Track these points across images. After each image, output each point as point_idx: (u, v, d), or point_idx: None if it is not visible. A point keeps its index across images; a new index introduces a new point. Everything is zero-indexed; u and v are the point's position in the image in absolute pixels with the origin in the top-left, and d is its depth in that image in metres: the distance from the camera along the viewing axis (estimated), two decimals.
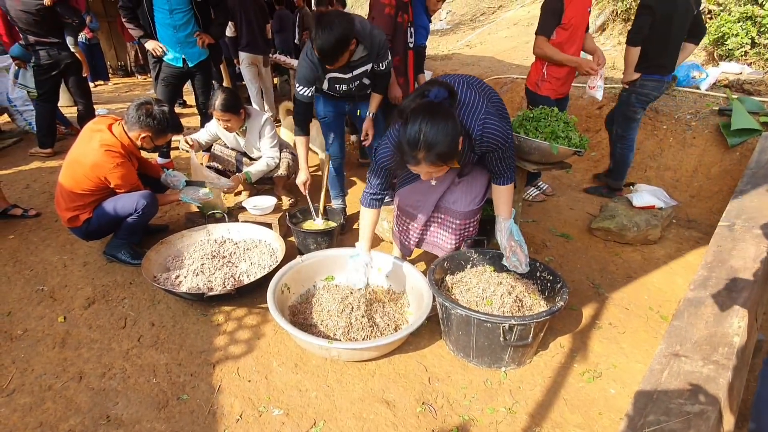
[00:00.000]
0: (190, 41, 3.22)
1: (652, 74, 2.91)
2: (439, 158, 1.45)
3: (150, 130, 2.24)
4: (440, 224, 2.05)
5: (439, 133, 1.41)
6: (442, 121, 1.42)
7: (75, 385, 1.63)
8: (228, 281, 2.08)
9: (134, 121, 2.21)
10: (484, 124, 1.60)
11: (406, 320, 1.94)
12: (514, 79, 5.14)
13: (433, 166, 1.49)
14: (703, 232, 2.85)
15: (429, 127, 1.40)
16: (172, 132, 2.36)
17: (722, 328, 1.35)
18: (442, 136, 1.41)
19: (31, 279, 2.27)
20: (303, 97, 2.25)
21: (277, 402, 1.59)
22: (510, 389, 1.65)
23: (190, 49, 3.24)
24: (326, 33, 1.91)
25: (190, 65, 3.28)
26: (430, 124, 1.40)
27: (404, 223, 2.11)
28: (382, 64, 2.27)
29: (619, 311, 2.10)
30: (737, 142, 3.32)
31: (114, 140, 2.18)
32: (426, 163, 1.46)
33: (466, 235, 2.04)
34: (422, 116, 1.42)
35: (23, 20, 3.45)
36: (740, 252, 1.72)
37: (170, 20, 3.08)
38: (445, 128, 1.41)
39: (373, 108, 2.47)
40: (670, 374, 1.21)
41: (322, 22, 1.93)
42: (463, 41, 9.66)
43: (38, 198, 3.19)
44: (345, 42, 1.97)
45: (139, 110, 2.21)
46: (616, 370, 1.74)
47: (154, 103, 2.26)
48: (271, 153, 2.85)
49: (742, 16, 5.22)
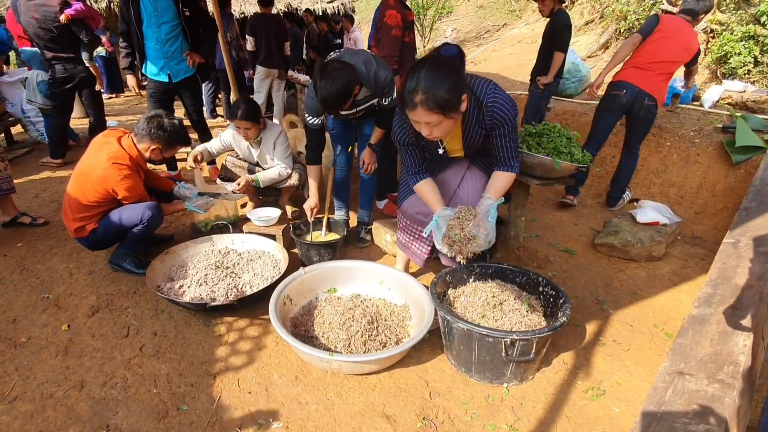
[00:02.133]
0: (176, 57, 3.21)
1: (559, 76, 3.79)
2: (437, 104, 1.42)
3: (160, 142, 2.29)
4: None
5: (438, 79, 1.41)
6: (444, 69, 1.43)
7: (76, 394, 1.63)
8: (231, 292, 2.09)
9: (144, 133, 2.26)
10: (496, 96, 1.61)
11: (408, 333, 1.93)
12: (518, 95, 5.19)
13: (430, 113, 1.45)
14: (708, 249, 2.83)
15: (429, 72, 1.42)
16: (181, 144, 2.42)
17: (727, 346, 1.33)
18: (441, 81, 1.41)
19: (37, 287, 2.29)
20: (314, 126, 2.31)
21: (276, 414, 1.57)
22: (512, 406, 1.63)
23: (175, 65, 3.23)
24: (329, 85, 1.96)
25: (174, 81, 3.26)
26: (430, 70, 1.42)
27: (415, 231, 2.09)
28: (387, 99, 2.30)
29: (624, 328, 2.08)
30: (742, 159, 3.32)
31: (122, 153, 2.22)
32: (423, 108, 1.43)
33: None
34: (425, 64, 1.45)
35: (41, 36, 3.58)
36: (745, 270, 1.71)
37: (158, 34, 3.09)
38: (447, 75, 1.42)
39: (373, 140, 2.51)
40: (674, 392, 1.19)
41: (325, 73, 1.97)
42: (468, 58, 9.80)
43: (47, 207, 3.24)
44: (347, 93, 2.03)
45: (150, 123, 2.26)
46: (620, 388, 1.71)
47: (164, 116, 2.32)
48: (285, 163, 2.89)
49: (745, 36, 5.27)
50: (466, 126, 1.69)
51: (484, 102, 1.61)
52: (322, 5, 8.85)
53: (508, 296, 1.85)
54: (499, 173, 1.77)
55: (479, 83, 1.64)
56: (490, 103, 1.61)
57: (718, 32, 5.76)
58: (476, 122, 1.67)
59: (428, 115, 1.47)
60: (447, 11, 12.59)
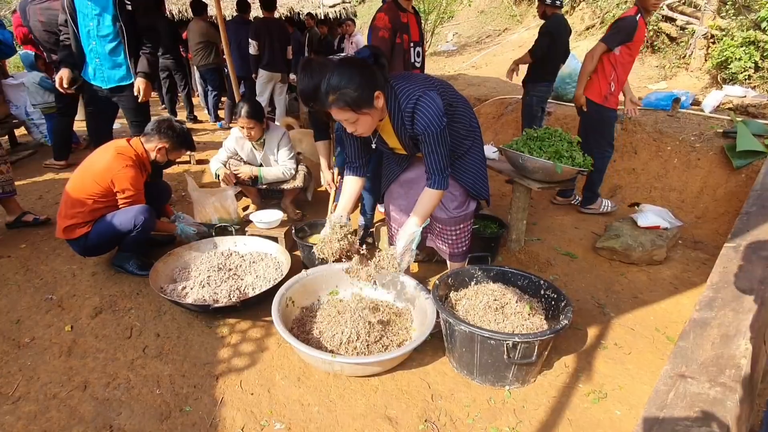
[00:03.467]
0: (112, 59, 2.76)
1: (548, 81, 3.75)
2: (346, 102, 1.50)
3: (168, 142, 2.36)
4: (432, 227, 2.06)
5: (343, 78, 1.49)
6: (350, 67, 1.52)
7: (79, 395, 1.64)
8: (233, 294, 2.10)
9: (154, 132, 2.34)
10: (418, 100, 1.59)
11: (410, 336, 1.94)
12: (518, 100, 5.21)
13: (342, 111, 1.54)
14: (709, 254, 2.83)
15: (337, 72, 1.51)
16: (186, 149, 2.48)
17: (729, 350, 1.33)
18: (348, 80, 1.49)
19: (40, 288, 2.30)
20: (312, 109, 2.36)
21: (279, 416, 1.58)
22: (514, 408, 1.63)
23: (109, 69, 2.80)
24: (306, 78, 2.03)
25: (103, 87, 2.84)
26: (338, 70, 1.51)
27: (394, 228, 2.13)
28: None
29: (625, 331, 2.08)
30: (743, 164, 3.33)
31: (129, 147, 2.31)
32: (335, 107, 1.53)
33: (458, 242, 2.03)
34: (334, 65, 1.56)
35: (46, 40, 3.63)
36: (746, 274, 1.71)
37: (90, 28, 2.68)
38: (352, 74, 1.50)
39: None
40: (676, 395, 1.19)
41: (304, 68, 2.05)
42: (468, 62, 9.85)
43: (51, 209, 3.25)
44: None
45: (162, 123, 2.35)
46: (621, 392, 1.72)
47: (175, 120, 2.43)
48: (289, 164, 2.92)
49: (745, 41, 5.30)
50: (395, 124, 1.69)
51: (403, 107, 1.62)
52: (324, 9, 8.92)
53: (509, 299, 1.86)
54: (426, 192, 1.72)
55: (406, 89, 1.62)
56: (409, 108, 1.60)
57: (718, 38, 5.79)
58: (401, 123, 1.67)
59: (341, 113, 1.55)
60: (448, 16, 12.66)
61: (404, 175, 2.02)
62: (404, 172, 2.02)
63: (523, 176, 2.51)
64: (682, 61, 6.31)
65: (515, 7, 11.48)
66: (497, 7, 12.28)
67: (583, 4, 9.00)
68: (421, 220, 1.71)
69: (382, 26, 2.73)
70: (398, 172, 2.03)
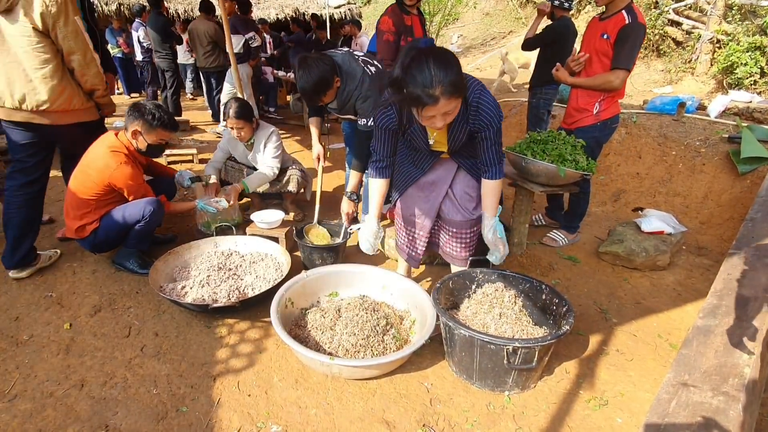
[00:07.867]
0: None
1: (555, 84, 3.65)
2: (454, 87, 1.42)
3: (138, 124, 2.26)
4: (446, 231, 2.04)
5: (443, 63, 1.40)
6: (442, 53, 1.45)
7: (76, 393, 1.63)
8: (233, 294, 2.09)
9: (128, 119, 2.29)
10: (481, 95, 1.60)
11: (409, 339, 1.92)
12: (523, 102, 5.20)
13: (451, 99, 1.44)
14: (713, 260, 2.81)
15: (435, 61, 1.40)
16: (163, 128, 2.31)
17: (732, 358, 1.31)
18: (448, 65, 1.41)
19: (40, 285, 2.30)
20: None
21: (276, 418, 1.57)
22: (513, 414, 1.61)
23: None
24: (305, 75, 2.02)
25: None
26: (433, 58, 1.41)
27: (410, 232, 2.10)
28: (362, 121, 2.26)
29: (627, 338, 2.06)
30: (748, 169, 3.30)
31: (119, 143, 2.29)
32: (445, 96, 1.42)
33: (471, 244, 2.02)
34: (424, 57, 1.42)
35: None
36: (751, 281, 1.69)
37: None
38: (447, 57, 1.43)
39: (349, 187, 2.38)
40: (678, 404, 1.17)
41: (302, 64, 2.03)
42: (473, 64, 9.85)
43: (53, 206, 3.26)
44: (323, 83, 2.07)
45: (132, 107, 2.30)
46: (623, 399, 1.69)
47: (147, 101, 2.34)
48: (271, 163, 2.86)
49: (751, 46, 5.27)
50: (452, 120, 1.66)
51: (470, 100, 1.61)
52: (329, 10, 8.93)
53: (510, 303, 1.84)
54: (487, 184, 1.80)
55: (468, 80, 1.60)
56: (474, 102, 1.61)
57: (724, 42, 5.76)
58: (462, 118, 1.65)
59: (450, 103, 1.45)
60: (453, 18, 12.65)
61: (425, 177, 1.97)
62: (425, 174, 1.97)
63: (526, 179, 2.49)
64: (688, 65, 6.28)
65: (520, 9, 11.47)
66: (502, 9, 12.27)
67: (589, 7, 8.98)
68: (493, 212, 1.82)
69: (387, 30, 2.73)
70: (417, 175, 1.98)
